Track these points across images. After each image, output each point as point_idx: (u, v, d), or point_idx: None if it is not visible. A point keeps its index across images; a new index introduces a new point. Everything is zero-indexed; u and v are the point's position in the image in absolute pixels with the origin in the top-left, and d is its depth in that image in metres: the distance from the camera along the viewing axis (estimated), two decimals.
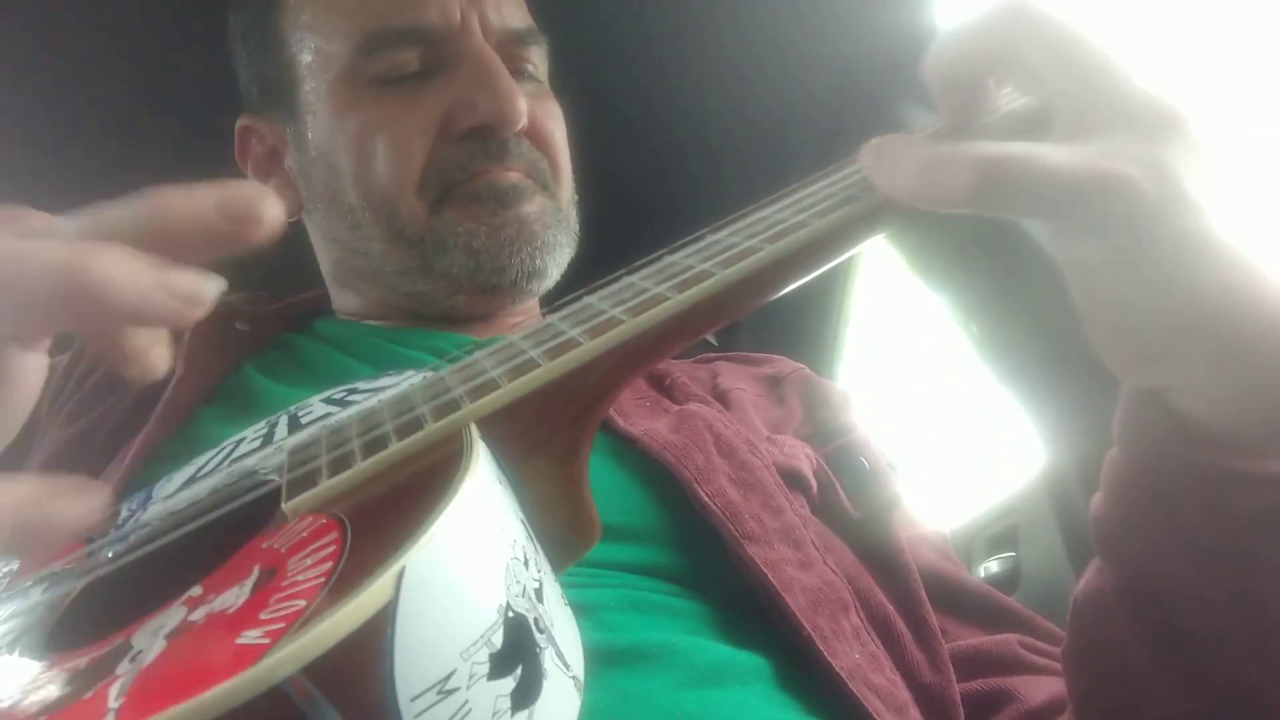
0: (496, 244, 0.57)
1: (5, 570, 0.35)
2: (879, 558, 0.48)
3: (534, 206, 0.59)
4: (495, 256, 0.57)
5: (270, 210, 0.26)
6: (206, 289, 0.26)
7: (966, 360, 0.78)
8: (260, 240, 0.27)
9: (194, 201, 0.26)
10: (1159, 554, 0.33)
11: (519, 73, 0.61)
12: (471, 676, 0.21)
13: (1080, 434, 0.64)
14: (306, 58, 0.60)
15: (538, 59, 0.64)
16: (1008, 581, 0.72)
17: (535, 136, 0.61)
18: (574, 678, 0.25)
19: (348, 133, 0.58)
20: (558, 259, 0.60)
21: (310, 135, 0.60)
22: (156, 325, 0.28)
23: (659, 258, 0.35)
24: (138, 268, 0.25)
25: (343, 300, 0.65)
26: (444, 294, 0.59)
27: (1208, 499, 0.31)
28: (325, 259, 0.65)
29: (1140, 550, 0.34)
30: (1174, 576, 0.33)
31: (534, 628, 0.23)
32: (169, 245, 0.26)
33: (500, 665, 0.22)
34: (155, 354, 0.28)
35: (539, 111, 0.61)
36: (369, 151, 0.58)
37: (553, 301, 0.36)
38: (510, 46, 0.61)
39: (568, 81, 0.71)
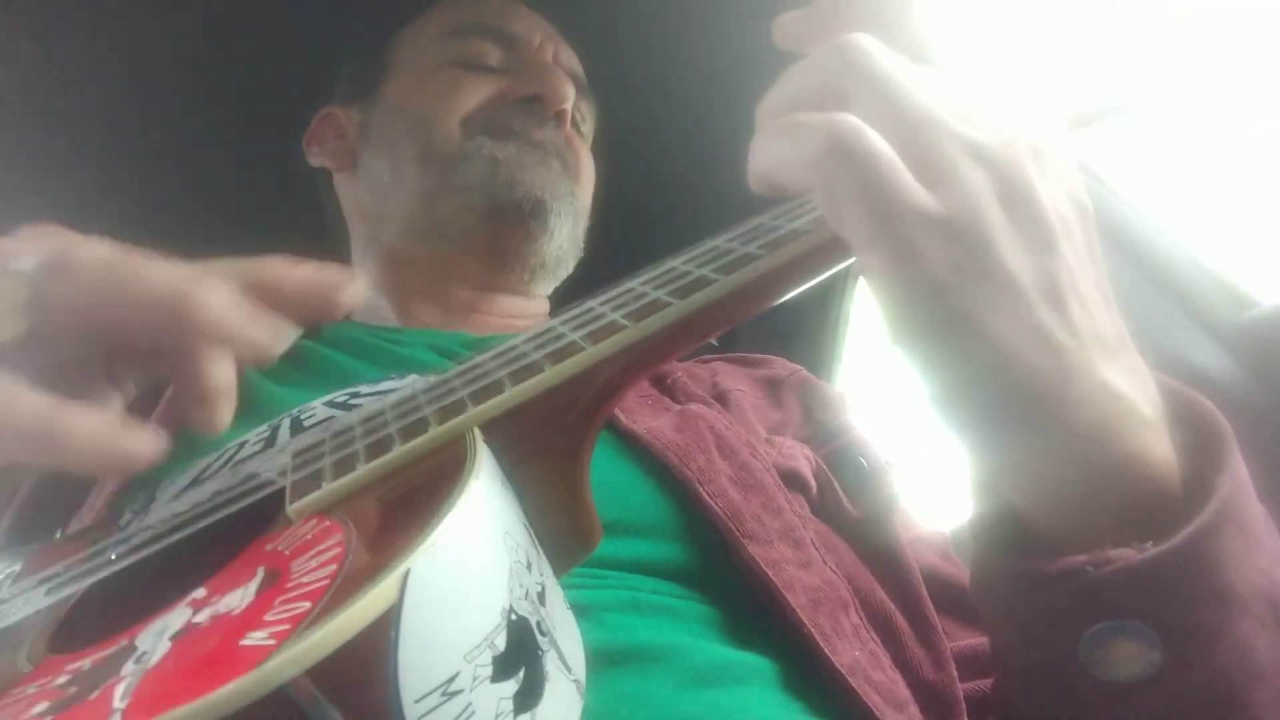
0: (518, 164, 0.63)
1: (8, 571, 0.35)
2: (880, 557, 0.48)
3: (558, 166, 0.66)
4: (513, 170, 0.63)
5: (349, 293, 0.33)
6: (285, 334, 0.32)
7: None
8: (337, 317, 0.34)
9: (292, 273, 0.33)
10: (999, 640, 0.35)
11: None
12: (475, 679, 0.21)
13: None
14: (404, 50, 0.72)
15: (586, 112, 0.73)
16: None
17: (569, 139, 0.69)
18: (576, 681, 0.25)
19: (417, 88, 0.68)
20: (564, 223, 0.65)
21: (383, 101, 0.70)
22: (242, 354, 0.32)
23: (662, 263, 0.35)
24: (233, 303, 0.30)
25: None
26: (456, 213, 0.64)
27: (1015, 595, 0.32)
28: (359, 223, 0.72)
29: (990, 629, 0.36)
30: (1012, 657, 0.35)
31: (537, 631, 0.24)
32: (263, 303, 0.31)
33: (503, 668, 0.22)
34: (224, 408, 0.32)
35: (576, 142, 0.70)
36: (430, 95, 0.67)
37: (559, 306, 0.36)
38: None
39: None
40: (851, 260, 0.34)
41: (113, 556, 0.32)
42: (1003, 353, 0.28)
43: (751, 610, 0.42)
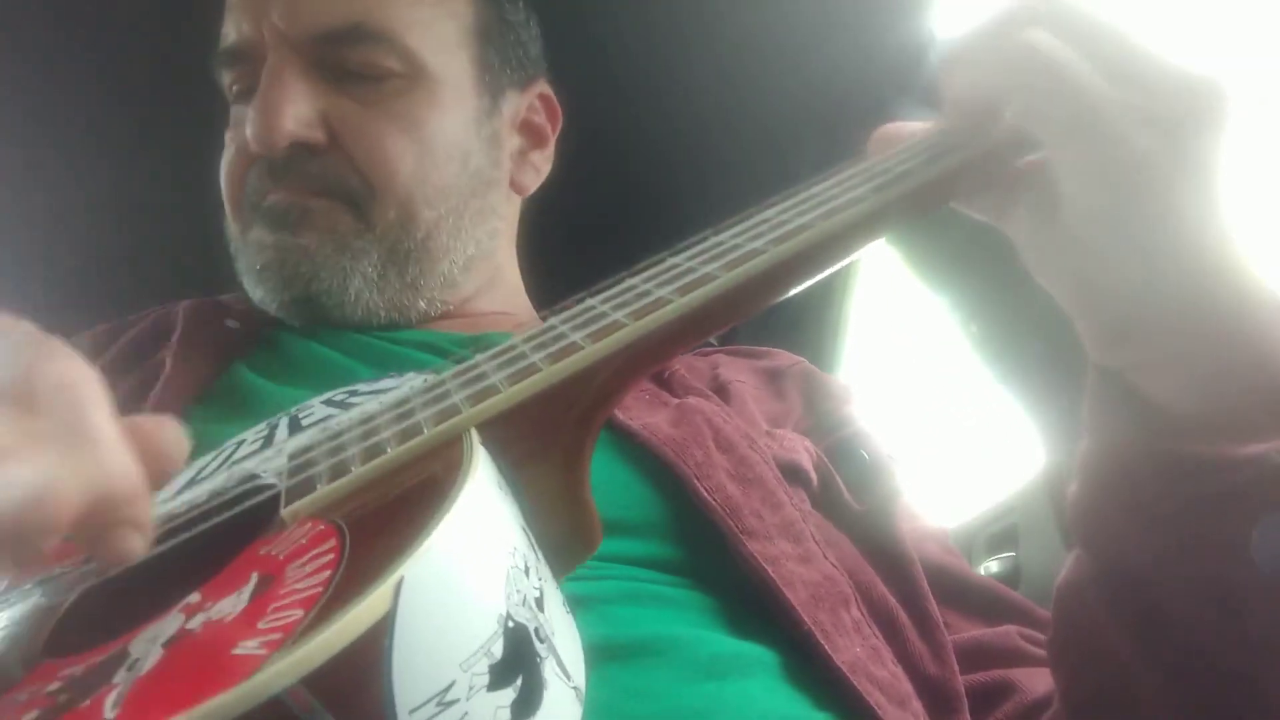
0: (277, 264, 0.56)
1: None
2: (881, 550, 0.48)
3: (317, 234, 0.56)
4: (267, 278, 0.57)
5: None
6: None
7: (966, 360, 0.78)
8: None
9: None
10: (1130, 540, 0.34)
11: (345, 76, 0.56)
12: (471, 688, 0.21)
13: (1080, 433, 0.64)
14: None
15: (374, 55, 0.57)
16: (1008, 581, 0.72)
17: (348, 152, 0.56)
18: (575, 687, 0.25)
19: None
20: (353, 283, 0.56)
21: None
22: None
23: (662, 260, 0.34)
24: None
25: None
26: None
27: (1171, 483, 0.32)
28: None
29: (1113, 537, 0.35)
30: (1146, 562, 0.34)
31: (534, 637, 0.23)
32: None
33: (500, 676, 0.22)
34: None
35: (359, 122, 0.56)
36: None
37: (554, 303, 0.35)
38: (322, 49, 0.56)
39: (571, 84, 0.70)
40: (858, 255, 0.33)
41: None
42: (1194, 243, 0.30)
43: (754, 601, 0.41)
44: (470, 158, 0.60)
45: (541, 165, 0.68)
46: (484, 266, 0.64)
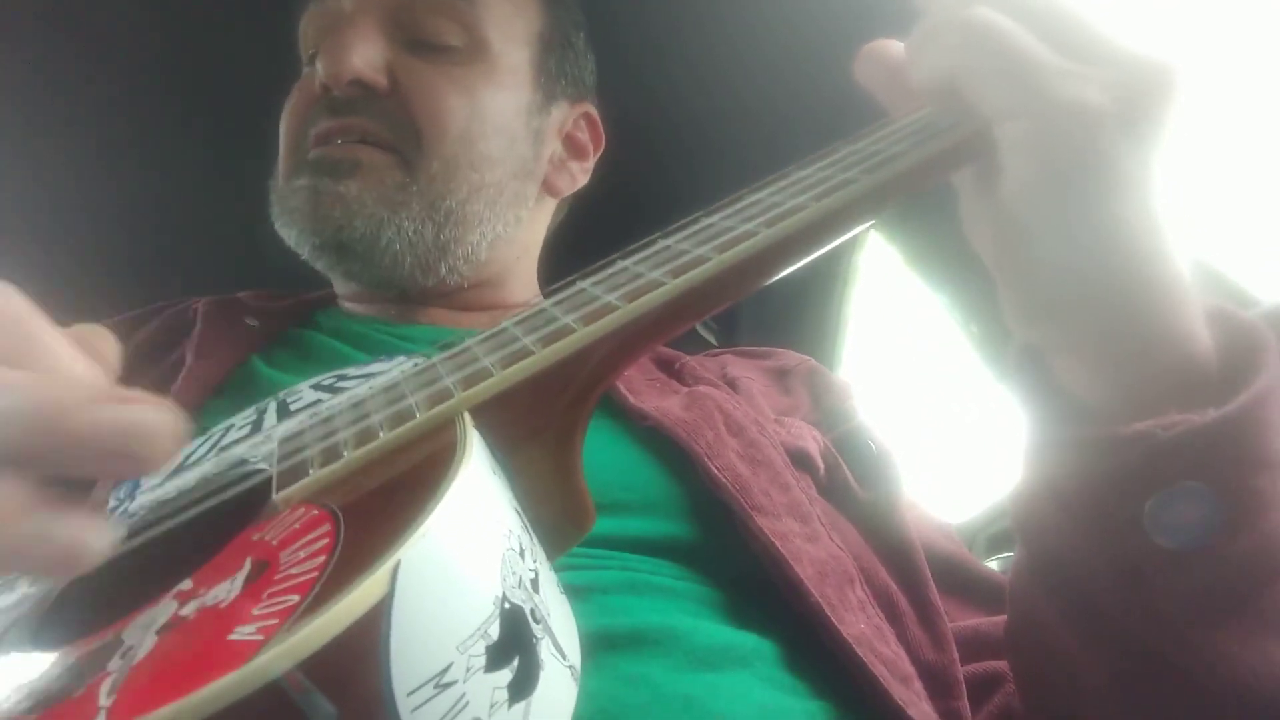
0: (310, 207, 0.57)
1: None
2: (885, 537, 0.48)
3: (360, 183, 0.57)
4: (299, 219, 0.58)
5: (164, 442, 0.23)
6: (93, 542, 0.22)
7: (966, 360, 0.78)
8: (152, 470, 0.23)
9: (92, 419, 0.22)
10: (1050, 525, 0.35)
11: (414, 43, 0.60)
12: (468, 669, 0.21)
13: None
14: None
15: (446, 24, 0.60)
16: None
17: (405, 100, 0.59)
18: (570, 667, 0.25)
19: None
20: (385, 233, 0.57)
21: None
22: (33, 573, 0.25)
23: (653, 242, 0.34)
24: (14, 510, 0.21)
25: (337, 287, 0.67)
26: (311, 260, 0.61)
27: (1075, 467, 0.33)
28: None
29: (1037, 524, 0.36)
30: (1065, 546, 0.35)
31: (530, 618, 0.23)
32: (53, 457, 0.22)
33: (497, 657, 0.22)
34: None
35: (420, 76, 0.59)
36: None
37: (547, 286, 0.35)
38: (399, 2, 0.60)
39: None
40: (851, 237, 0.33)
41: None
42: (1128, 216, 0.31)
43: (753, 589, 0.42)
44: (516, 141, 0.63)
45: (579, 175, 0.70)
46: (506, 252, 0.65)
